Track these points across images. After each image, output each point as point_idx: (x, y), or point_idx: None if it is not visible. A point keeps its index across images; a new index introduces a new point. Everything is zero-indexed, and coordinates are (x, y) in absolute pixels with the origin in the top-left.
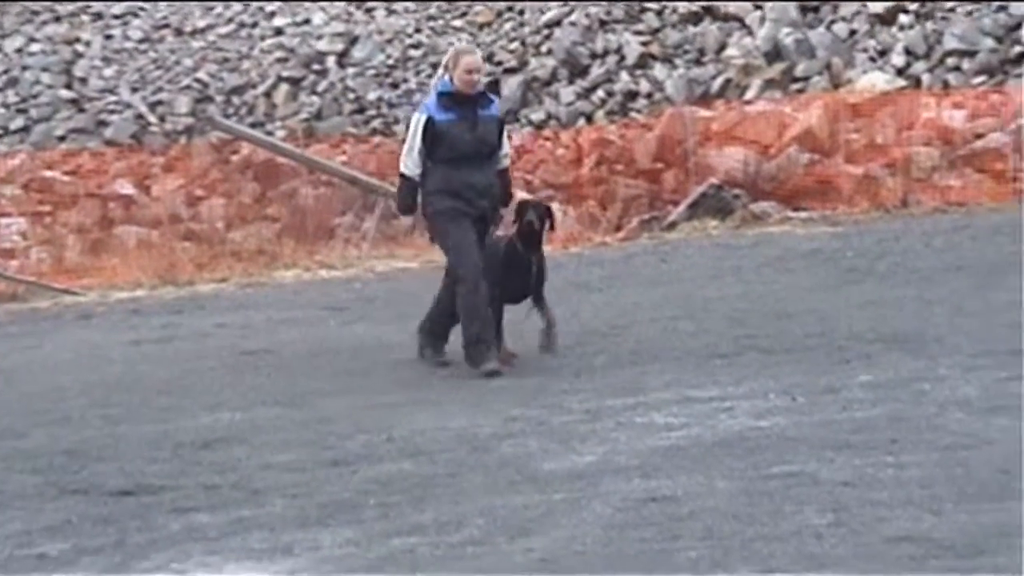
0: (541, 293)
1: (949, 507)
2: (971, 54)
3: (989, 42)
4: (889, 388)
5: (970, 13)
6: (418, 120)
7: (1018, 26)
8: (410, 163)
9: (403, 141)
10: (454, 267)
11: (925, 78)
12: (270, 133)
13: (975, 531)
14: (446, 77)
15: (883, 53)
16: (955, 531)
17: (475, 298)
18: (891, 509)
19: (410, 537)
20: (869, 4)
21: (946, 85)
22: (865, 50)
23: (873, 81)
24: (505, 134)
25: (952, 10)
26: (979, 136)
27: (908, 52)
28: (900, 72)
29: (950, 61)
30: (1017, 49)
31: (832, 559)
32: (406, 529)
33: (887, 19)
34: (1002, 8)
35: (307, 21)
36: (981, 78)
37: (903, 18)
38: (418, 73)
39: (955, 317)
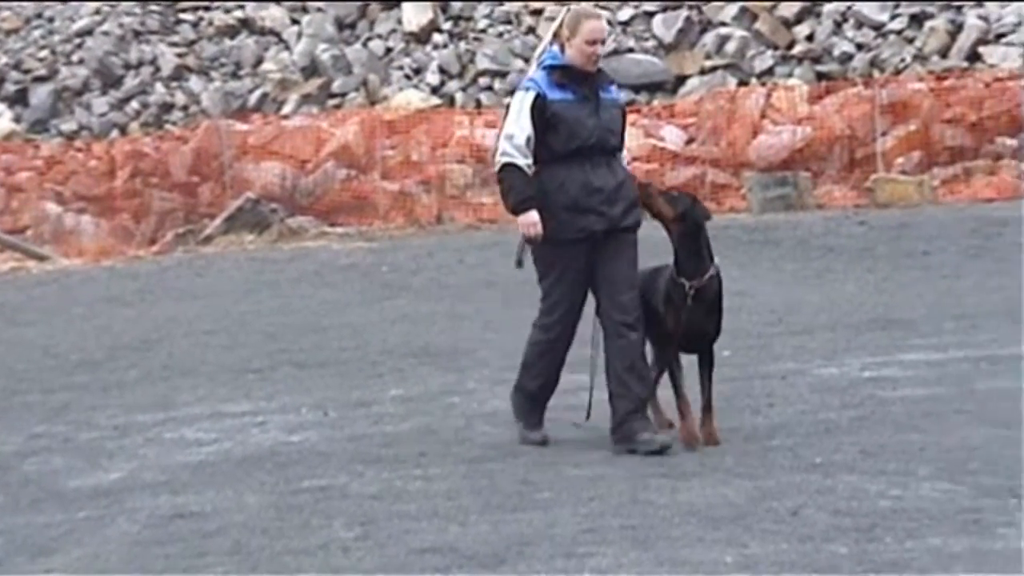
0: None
1: (474, 518)
2: (502, 74)
3: (519, 63)
4: (420, 402)
5: (501, 34)
6: (523, 99)
7: None
8: (513, 150)
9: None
10: (545, 310)
11: (459, 96)
12: None
13: (497, 541)
14: (555, 47)
15: (418, 71)
16: (479, 541)
17: (550, 355)
18: (418, 521)
19: None
20: (404, 22)
21: (479, 104)
22: (401, 68)
23: (408, 98)
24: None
25: (484, 31)
26: None
27: (442, 71)
28: (435, 90)
29: (482, 81)
30: None
31: (358, 571)
32: None
33: (422, 38)
34: (531, 30)
35: None
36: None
37: (437, 37)
38: None
39: (484, 332)
